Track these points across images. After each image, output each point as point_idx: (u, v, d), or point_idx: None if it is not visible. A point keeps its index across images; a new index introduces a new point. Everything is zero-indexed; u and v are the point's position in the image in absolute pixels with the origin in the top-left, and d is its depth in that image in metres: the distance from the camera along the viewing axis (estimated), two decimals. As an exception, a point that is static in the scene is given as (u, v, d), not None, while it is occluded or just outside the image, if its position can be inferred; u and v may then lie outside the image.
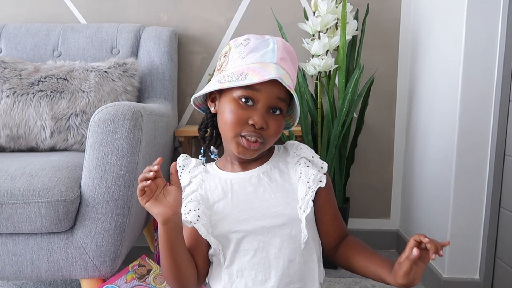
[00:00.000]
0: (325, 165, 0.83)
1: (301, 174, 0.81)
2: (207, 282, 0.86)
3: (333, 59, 1.49)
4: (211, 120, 0.87)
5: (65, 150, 1.43)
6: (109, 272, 1.12)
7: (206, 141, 0.88)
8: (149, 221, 1.51)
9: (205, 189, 0.83)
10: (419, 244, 0.71)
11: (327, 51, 1.50)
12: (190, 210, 0.79)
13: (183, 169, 0.87)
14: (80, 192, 1.07)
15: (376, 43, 1.76)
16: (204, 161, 0.87)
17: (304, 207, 0.78)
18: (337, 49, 1.54)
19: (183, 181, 0.85)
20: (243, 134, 0.77)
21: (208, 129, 0.88)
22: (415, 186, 1.65)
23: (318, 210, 0.84)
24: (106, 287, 1.09)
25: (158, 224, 0.75)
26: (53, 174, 1.06)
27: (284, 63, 0.79)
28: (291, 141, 0.89)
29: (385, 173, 1.83)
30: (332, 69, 1.54)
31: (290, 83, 0.77)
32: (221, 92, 0.81)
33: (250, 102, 0.77)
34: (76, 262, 1.09)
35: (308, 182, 0.79)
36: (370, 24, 1.70)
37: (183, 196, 0.81)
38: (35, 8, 1.82)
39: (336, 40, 1.49)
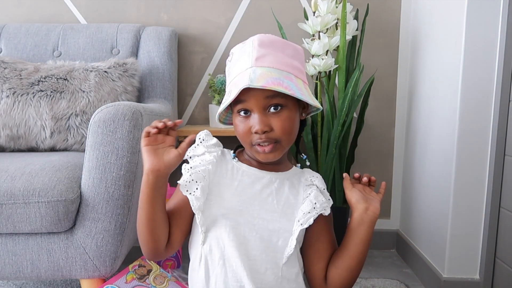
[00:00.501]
0: (331, 201, 0.85)
1: (310, 195, 0.83)
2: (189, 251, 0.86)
3: (333, 59, 1.49)
4: None
5: (65, 150, 1.43)
6: (109, 272, 1.12)
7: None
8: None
9: (215, 168, 0.84)
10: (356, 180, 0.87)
11: (327, 51, 1.50)
12: (192, 180, 0.78)
13: (201, 141, 0.87)
14: (80, 192, 1.07)
15: (376, 43, 1.76)
16: (234, 157, 0.88)
17: (303, 221, 0.79)
18: (337, 49, 1.54)
19: (198, 151, 0.86)
20: (254, 143, 0.79)
21: None
22: (415, 186, 1.65)
23: (312, 236, 0.85)
24: (106, 287, 1.09)
25: (144, 172, 0.76)
26: (53, 174, 1.06)
27: (263, 60, 0.79)
28: (308, 169, 0.92)
29: (385, 173, 1.83)
30: (332, 69, 1.54)
31: (272, 78, 0.76)
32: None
33: (248, 113, 0.79)
34: (76, 262, 1.09)
35: (315, 203, 0.81)
36: (370, 24, 1.70)
37: (191, 164, 0.83)
38: (35, 8, 1.82)
39: (336, 40, 1.49)
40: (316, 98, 1.62)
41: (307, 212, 0.79)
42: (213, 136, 0.88)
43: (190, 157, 0.86)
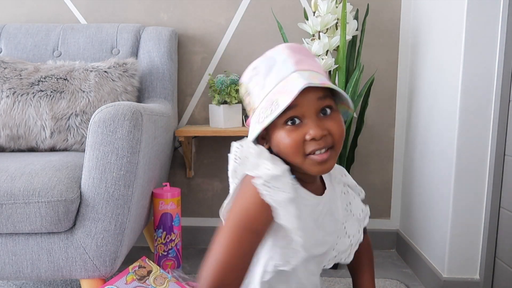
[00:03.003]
0: (363, 193, 0.86)
1: (351, 205, 0.82)
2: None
3: (333, 59, 1.49)
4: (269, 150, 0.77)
5: (65, 150, 1.43)
6: (109, 272, 1.12)
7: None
8: (149, 221, 1.51)
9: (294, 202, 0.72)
10: None
11: (327, 51, 1.50)
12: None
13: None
14: (80, 192, 1.07)
15: (376, 43, 1.76)
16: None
17: (355, 244, 0.82)
18: (337, 49, 1.54)
19: (275, 170, 0.70)
20: (308, 152, 0.70)
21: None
22: (415, 186, 1.65)
23: None
24: (107, 288, 1.09)
25: None
26: (53, 174, 1.06)
27: (302, 64, 0.73)
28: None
29: (385, 173, 1.83)
30: (332, 69, 1.53)
31: (319, 79, 0.70)
32: (267, 129, 0.74)
33: (297, 122, 0.71)
34: (76, 262, 1.09)
35: (359, 219, 0.83)
36: (370, 24, 1.70)
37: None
38: (35, 8, 1.82)
39: (336, 40, 1.49)
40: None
41: (357, 232, 0.82)
42: (213, 136, 0.85)
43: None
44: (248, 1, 1.77)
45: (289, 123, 0.70)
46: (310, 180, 0.77)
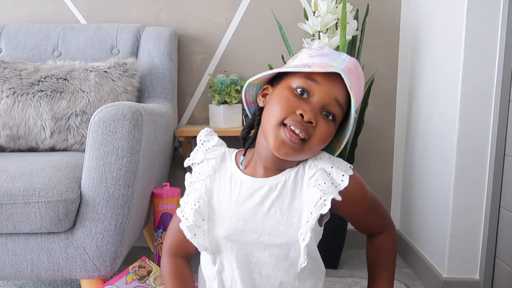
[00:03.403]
0: (345, 178, 0.75)
1: (309, 194, 0.74)
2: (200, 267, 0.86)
3: (333, 59, 1.49)
4: (258, 117, 0.79)
5: (65, 150, 1.43)
6: (109, 272, 1.12)
7: (247, 140, 0.83)
8: (149, 221, 1.51)
9: (213, 181, 0.80)
10: None
11: (327, 51, 1.50)
12: (188, 202, 0.77)
13: (202, 144, 0.83)
14: (80, 192, 1.07)
15: (376, 43, 1.76)
16: (243, 160, 0.81)
17: (304, 235, 0.71)
18: (337, 49, 1.54)
19: (197, 158, 0.82)
20: (287, 122, 0.70)
21: (252, 131, 0.83)
22: (415, 186, 1.65)
23: (343, 215, 0.82)
24: (107, 288, 1.09)
25: None
26: (53, 174, 1.06)
27: (351, 76, 0.73)
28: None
29: (385, 173, 1.83)
30: (332, 69, 1.53)
31: (352, 89, 0.71)
32: (276, 84, 0.76)
33: (305, 95, 0.72)
34: (76, 262, 1.09)
35: (310, 207, 0.72)
36: (370, 24, 1.70)
37: (191, 175, 0.81)
38: (35, 8, 1.83)
39: (336, 40, 1.49)
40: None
41: (306, 222, 0.71)
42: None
43: (192, 164, 0.83)
44: (248, 1, 1.77)
45: (299, 90, 0.71)
46: (264, 163, 0.78)
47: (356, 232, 0.91)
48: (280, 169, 0.78)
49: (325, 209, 0.70)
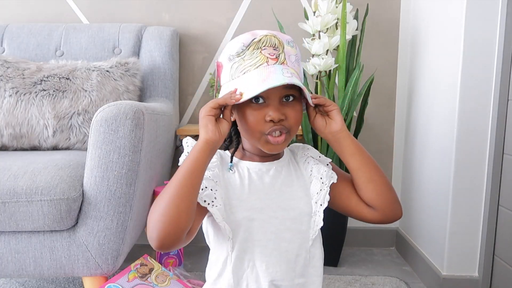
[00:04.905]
0: (330, 161, 0.87)
1: (312, 171, 0.84)
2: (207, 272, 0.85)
3: (333, 59, 1.50)
4: (233, 128, 0.86)
5: (67, 149, 1.44)
6: (111, 270, 1.13)
7: (231, 148, 0.88)
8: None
9: (221, 170, 0.82)
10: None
11: (327, 50, 1.51)
12: (206, 187, 0.76)
13: (188, 146, 0.84)
14: (82, 190, 1.08)
15: (376, 43, 1.77)
16: (231, 167, 0.84)
17: (321, 201, 0.80)
18: (337, 48, 1.54)
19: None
20: (266, 132, 0.77)
21: (233, 139, 0.88)
22: (414, 184, 1.65)
23: (335, 196, 0.85)
24: (108, 286, 1.10)
25: (202, 140, 0.74)
26: (56, 172, 1.07)
27: (288, 57, 0.80)
28: (296, 144, 0.92)
29: (385, 172, 1.80)
30: (332, 69, 1.54)
31: (289, 73, 0.75)
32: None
33: (261, 101, 0.77)
34: (78, 260, 1.09)
35: (321, 178, 0.82)
36: (370, 24, 1.70)
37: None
38: (37, 8, 1.84)
39: (336, 40, 1.49)
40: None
41: (319, 190, 0.81)
42: None
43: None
44: (249, 1, 1.78)
45: (255, 100, 0.77)
46: (262, 155, 0.84)
47: (356, 230, 0.92)
48: (272, 154, 0.84)
49: (334, 179, 0.82)
